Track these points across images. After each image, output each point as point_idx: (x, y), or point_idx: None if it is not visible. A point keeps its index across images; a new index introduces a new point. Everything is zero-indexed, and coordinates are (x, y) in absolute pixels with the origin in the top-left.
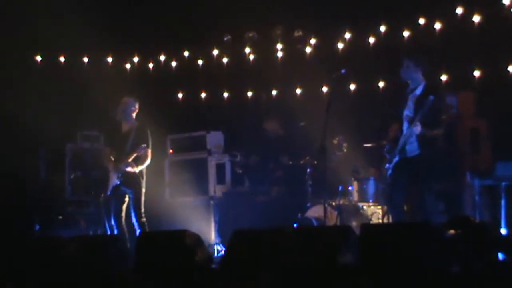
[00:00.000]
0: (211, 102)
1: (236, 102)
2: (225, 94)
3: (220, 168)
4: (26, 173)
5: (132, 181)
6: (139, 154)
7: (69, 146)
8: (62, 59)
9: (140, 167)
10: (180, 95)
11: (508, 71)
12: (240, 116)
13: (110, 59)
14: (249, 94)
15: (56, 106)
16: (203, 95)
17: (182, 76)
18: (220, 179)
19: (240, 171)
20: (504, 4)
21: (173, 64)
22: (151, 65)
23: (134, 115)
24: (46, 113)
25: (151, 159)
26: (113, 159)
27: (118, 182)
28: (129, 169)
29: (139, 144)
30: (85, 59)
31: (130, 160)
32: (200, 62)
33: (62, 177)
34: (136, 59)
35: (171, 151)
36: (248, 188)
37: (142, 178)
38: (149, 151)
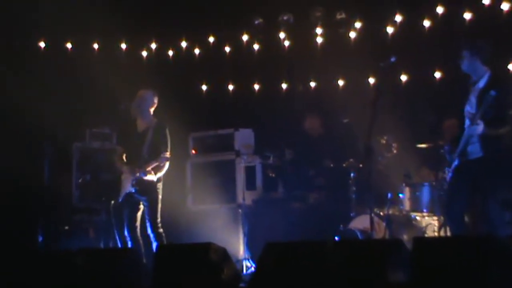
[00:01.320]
0: (240, 95)
1: (268, 95)
2: (256, 86)
3: (250, 171)
4: (27, 176)
5: (147, 187)
6: (161, 164)
7: (77, 146)
8: (68, 45)
9: (159, 175)
10: (204, 87)
11: None
12: (273, 112)
13: (124, 46)
14: (284, 86)
15: (62, 99)
16: (230, 87)
17: (206, 65)
18: (250, 184)
19: (273, 175)
20: None
21: (197, 51)
22: (171, 53)
23: (152, 110)
24: (50, 107)
25: (171, 161)
26: (126, 161)
27: (133, 190)
28: (147, 177)
29: (157, 145)
30: (95, 46)
31: (149, 168)
32: (227, 49)
33: (68, 181)
34: (154, 46)
35: (193, 151)
36: (282, 194)
37: (159, 183)
38: (168, 154)
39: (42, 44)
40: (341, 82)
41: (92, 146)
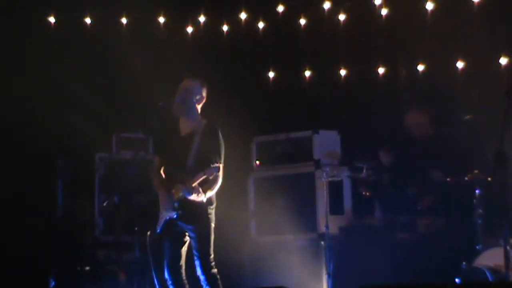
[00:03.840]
0: (320, 85)
1: (359, 85)
2: (342, 72)
3: (335, 188)
4: (36, 200)
5: (194, 212)
6: (210, 177)
7: (101, 157)
8: (87, 20)
9: (209, 194)
10: (271, 75)
11: None
12: (366, 106)
13: (162, 20)
14: (380, 71)
15: (79, 95)
16: (307, 73)
17: (274, 44)
18: (336, 207)
19: (368, 194)
20: None
21: (261, 25)
22: (225, 28)
23: (199, 107)
24: (65, 106)
25: (227, 176)
26: (165, 176)
27: (175, 216)
28: (193, 197)
29: (206, 154)
30: (123, 21)
31: (195, 184)
32: (302, 21)
33: (89, 205)
34: (202, 19)
35: (257, 162)
36: (380, 221)
37: (211, 205)
38: (221, 167)
39: (51, 20)
40: (460, 65)
41: (121, 157)
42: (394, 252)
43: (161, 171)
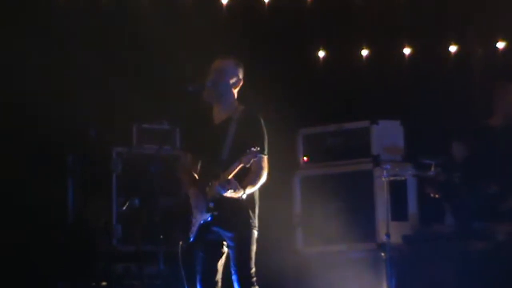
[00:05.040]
0: (379, 66)
1: (425, 65)
2: (406, 50)
3: (397, 189)
4: (42, 203)
5: (233, 216)
6: (247, 165)
7: (118, 152)
8: None
9: (250, 190)
10: (321, 54)
11: None
12: (433, 91)
13: None
14: (452, 49)
15: (93, 80)
16: (364, 52)
17: (325, 18)
18: (399, 211)
19: (437, 196)
20: None
21: None
22: None
23: (235, 92)
24: (77, 92)
25: (268, 174)
26: (197, 175)
27: (209, 219)
28: (229, 193)
29: (245, 145)
30: None
31: (230, 176)
32: None
33: (105, 209)
34: None
35: (305, 158)
36: (452, 228)
37: (253, 209)
38: (265, 159)
39: None
40: None
41: (142, 152)
42: (468, 264)
43: (191, 168)
